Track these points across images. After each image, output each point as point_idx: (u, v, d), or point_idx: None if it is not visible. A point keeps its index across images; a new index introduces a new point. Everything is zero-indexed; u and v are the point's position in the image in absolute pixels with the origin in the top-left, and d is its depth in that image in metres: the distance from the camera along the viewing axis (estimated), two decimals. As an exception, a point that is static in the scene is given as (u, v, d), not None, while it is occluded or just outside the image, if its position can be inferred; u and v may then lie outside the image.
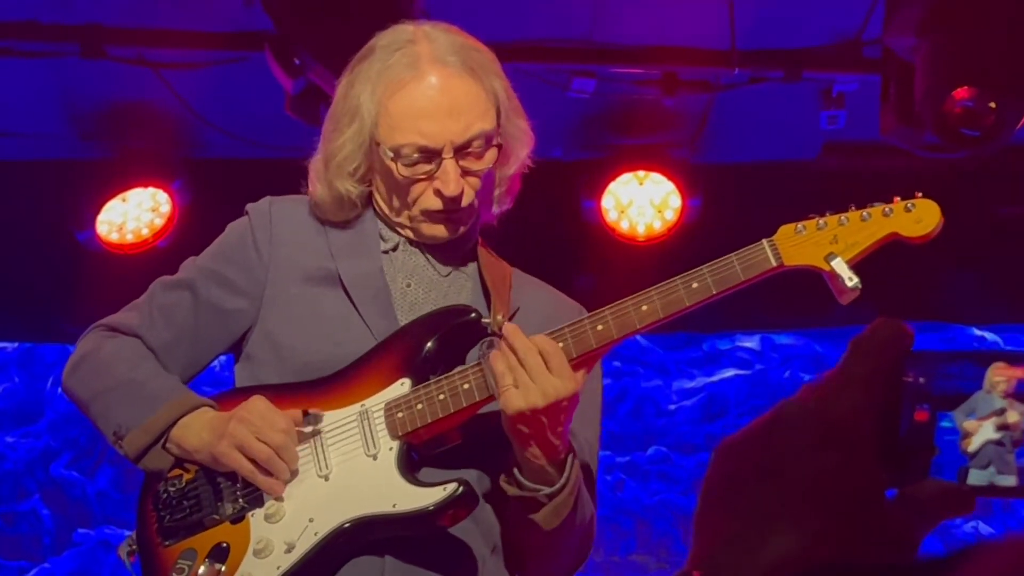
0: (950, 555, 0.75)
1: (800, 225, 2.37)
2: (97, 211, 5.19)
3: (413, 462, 2.41)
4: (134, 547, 2.51)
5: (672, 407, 6.04)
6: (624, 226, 5.32)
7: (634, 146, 5.34)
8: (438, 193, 2.48)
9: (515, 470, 2.36)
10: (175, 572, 2.42)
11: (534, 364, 2.27)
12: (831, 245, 2.34)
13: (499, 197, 2.62)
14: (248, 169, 4.98)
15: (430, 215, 2.52)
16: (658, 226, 5.30)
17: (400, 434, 2.40)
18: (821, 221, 2.36)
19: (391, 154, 2.47)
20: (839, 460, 0.85)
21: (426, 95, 2.46)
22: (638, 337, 6.01)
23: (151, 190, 5.25)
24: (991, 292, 5.58)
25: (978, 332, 5.95)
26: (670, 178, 5.32)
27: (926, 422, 0.89)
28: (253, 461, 2.40)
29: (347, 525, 2.38)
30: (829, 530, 0.82)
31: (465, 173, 2.49)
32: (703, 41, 4.88)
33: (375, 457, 2.41)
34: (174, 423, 2.47)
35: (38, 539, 5.77)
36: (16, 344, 5.83)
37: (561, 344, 2.32)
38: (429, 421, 2.39)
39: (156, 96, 4.99)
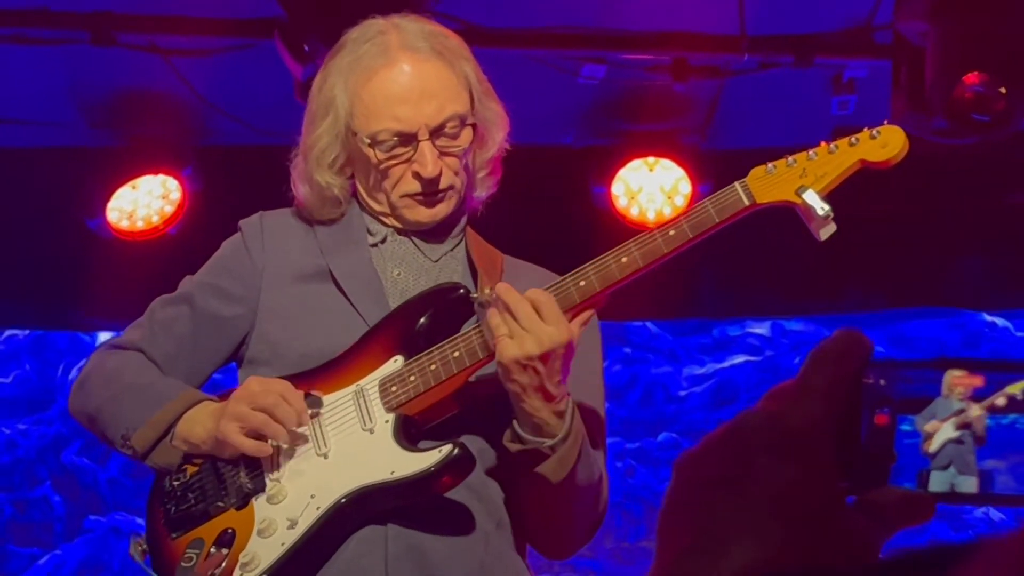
0: (959, 547, 0.74)
1: (771, 165, 2.42)
2: (107, 198, 5.19)
3: (411, 433, 2.44)
4: (144, 546, 2.54)
5: (682, 393, 6.04)
6: (634, 212, 5.31)
7: (644, 132, 5.32)
8: (416, 176, 2.53)
9: (515, 425, 2.38)
10: (183, 562, 2.44)
11: (526, 313, 2.30)
12: (801, 179, 2.39)
13: (481, 181, 2.67)
14: (257, 156, 4.95)
15: (411, 199, 2.56)
16: (668, 212, 5.28)
17: (395, 406, 2.44)
18: (790, 159, 2.42)
19: (368, 141, 2.52)
20: (799, 469, 0.84)
21: (398, 81, 2.52)
22: (648, 324, 6.02)
23: (161, 177, 5.24)
24: (1002, 278, 5.57)
25: (988, 318, 5.94)
26: (680, 164, 5.31)
27: (886, 425, 0.89)
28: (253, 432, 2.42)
29: (348, 496, 2.40)
30: (790, 539, 0.82)
31: (442, 154, 2.54)
32: (713, 27, 4.87)
33: (372, 431, 2.44)
34: (179, 417, 2.52)
35: (49, 526, 5.79)
36: (27, 331, 5.82)
37: None
38: (422, 391, 2.42)
39: (166, 83, 4.99)
